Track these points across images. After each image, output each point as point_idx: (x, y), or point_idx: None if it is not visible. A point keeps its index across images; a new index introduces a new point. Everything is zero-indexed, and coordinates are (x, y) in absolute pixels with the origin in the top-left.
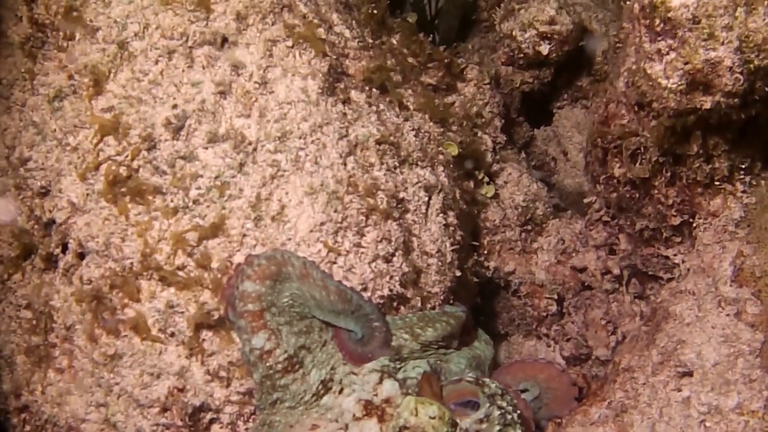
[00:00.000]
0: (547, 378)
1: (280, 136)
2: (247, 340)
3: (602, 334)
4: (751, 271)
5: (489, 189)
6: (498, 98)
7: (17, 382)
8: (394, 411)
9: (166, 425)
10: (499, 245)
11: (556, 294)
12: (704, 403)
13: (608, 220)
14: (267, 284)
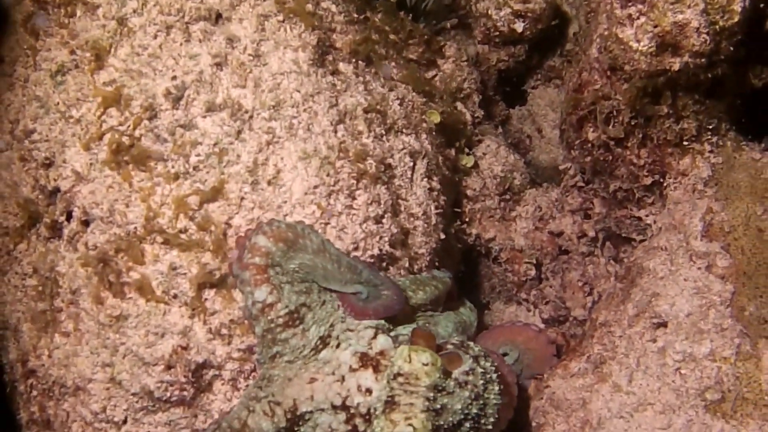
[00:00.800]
0: (525, 339)
1: (274, 105)
2: (249, 292)
3: (579, 295)
4: (720, 226)
5: (468, 159)
6: (476, 75)
7: (24, 350)
8: (388, 362)
9: (171, 382)
10: (480, 213)
11: (535, 259)
12: (679, 351)
13: (583, 186)
14: (279, 246)
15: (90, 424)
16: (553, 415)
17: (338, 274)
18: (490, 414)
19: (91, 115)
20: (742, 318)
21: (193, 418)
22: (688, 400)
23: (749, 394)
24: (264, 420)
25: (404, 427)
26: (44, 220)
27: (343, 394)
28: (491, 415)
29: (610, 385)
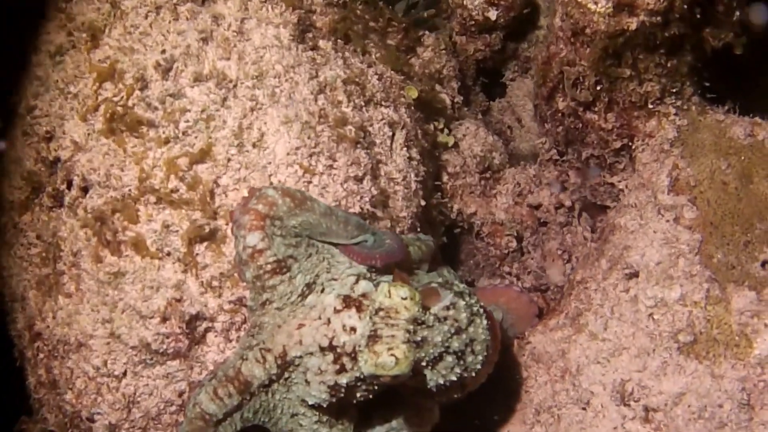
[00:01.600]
0: (508, 300)
1: (257, 75)
2: (242, 236)
3: (558, 263)
4: (686, 181)
5: (449, 139)
6: (454, 62)
7: (30, 316)
8: (369, 302)
9: (167, 334)
10: (461, 189)
11: (515, 232)
12: (650, 297)
13: (558, 159)
14: (286, 201)
15: (92, 379)
16: (535, 368)
17: (345, 232)
18: (479, 351)
19: (87, 90)
20: (711, 265)
21: (189, 370)
22: (661, 343)
23: (720, 335)
24: (256, 367)
25: (387, 357)
26: (46, 190)
27: (330, 335)
28: (480, 352)
29: (586, 334)
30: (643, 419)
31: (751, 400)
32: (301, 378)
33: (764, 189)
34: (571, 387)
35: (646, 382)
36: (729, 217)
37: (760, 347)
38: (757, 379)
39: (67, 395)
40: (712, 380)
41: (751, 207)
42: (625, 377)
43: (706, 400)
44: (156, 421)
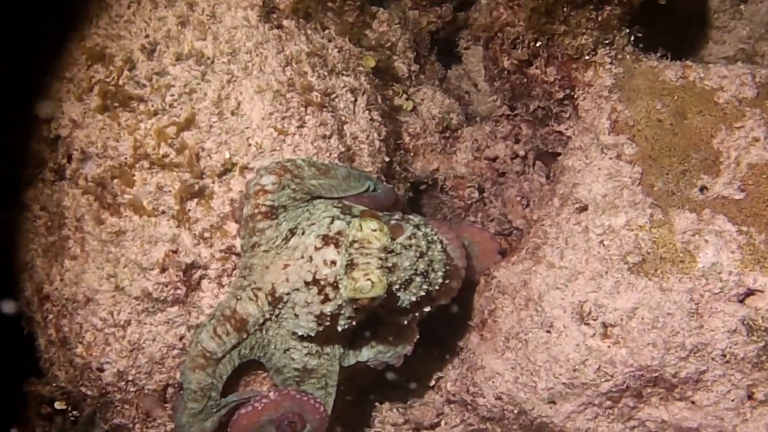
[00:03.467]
0: (471, 234)
1: (230, 52)
2: (260, 174)
3: (518, 208)
4: (625, 122)
5: (408, 104)
6: (408, 35)
7: (38, 282)
8: (345, 237)
9: (165, 283)
10: (423, 148)
11: (476, 184)
12: (599, 225)
13: (509, 114)
14: (312, 170)
15: (100, 330)
16: (501, 299)
17: (358, 185)
18: (438, 269)
19: (81, 74)
20: (652, 193)
21: (188, 315)
22: (612, 265)
23: (666, 254)
24: (250, 305)
25: (364, 281)
26: (49, 165)
27: (313, 271)
28: (438, 269)
29: (545, 264)
30: (602, 335)
31: (699, 308)
32: (290, 313)
33: (698, 123)
34: (535, 313)
35: (602, 301)
36: (666, 150)
37: (702, 261)
38: (702, 289)
39: (78, 349)
40: (662, 294)
41: (686, 140)
42: (583, 299)
43: (658, 311)
44: (160, 364)
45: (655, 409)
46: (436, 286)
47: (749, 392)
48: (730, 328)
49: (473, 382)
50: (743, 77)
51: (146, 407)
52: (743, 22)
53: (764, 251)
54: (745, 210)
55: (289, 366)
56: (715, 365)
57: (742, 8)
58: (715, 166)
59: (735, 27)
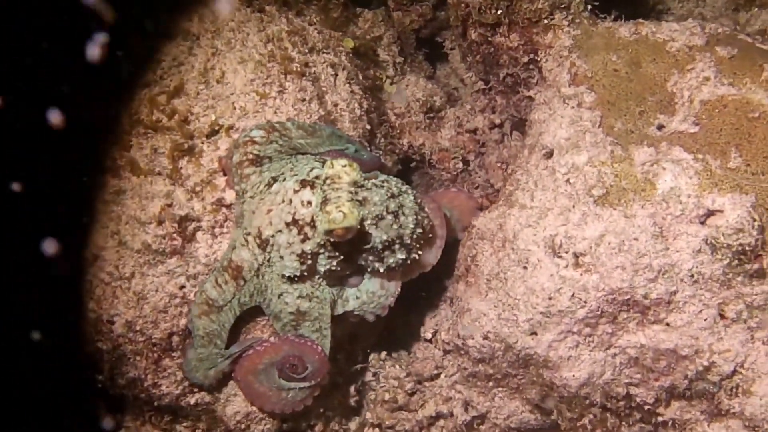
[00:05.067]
0: (450, 199)
1: (214, 30)
2: (249, 129)
3: (499, 173)
4: (583, 74)
5: (392, 87)
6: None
7: None
8: (321, 181)
9: (163, 234)
10: (408, 126)
11: (460, 156)
12: (563, 165)
13: (484, 88)
14: (299, 131)
15: (108, 284)
16: (481, 244)
17: (339, 143)
18: (408, 213)
19: None
20: (612, 133)
21: (186, 265)
22: (579, 199)
23: (628, 185)
24: (243, 250)
25: (336, 213)
26: None
27: (292, 212)
28: (409, 214)
29: (517, 207)
30: (574, 264)
31: (663, 231)
32: (276, 256)
33: (651, 70)
34: (511, 251)
35: (571, 233)
36: (623, 95)
37: (661, 186)
38: (664, 212)
39: (90, 304)
40: (626, 220)
41: (642, 85)
42: (553, 233)
43: (623, 236)
44: (164, 313)
45: (633, 335)
46: (407, 231)
47: (720, 311)
48: (694, 248)
49: (462, 326)
50: (693, 29)
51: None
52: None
53: (720, 175)
54: (700, 140)
55: (285, 311)
56: (684, 286)
57: None
58: (670, 106)
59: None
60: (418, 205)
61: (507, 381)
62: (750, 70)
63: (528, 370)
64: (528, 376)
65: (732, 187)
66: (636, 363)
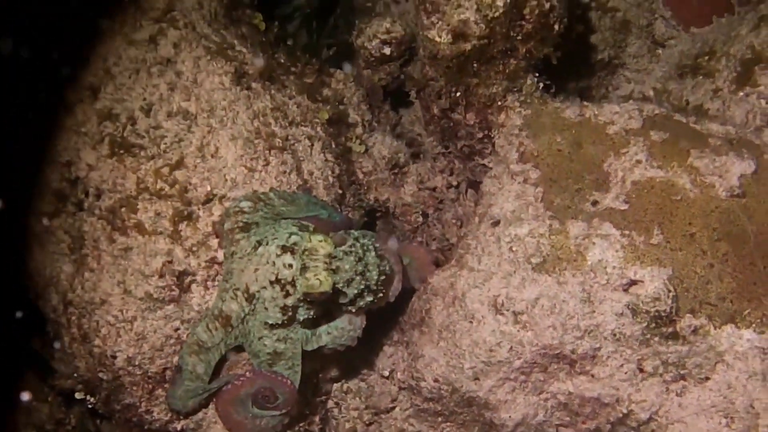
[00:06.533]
0: (411, 252)
1: (209, 109)
2: (239, 199)
3: (453, 229)
4: (530, 153)
5: (360, 147)
6: (362, 90)
7: (63, 291)
8: (299, 247)
9: (163, 286)
10: (375, 183)
11: (421, 210)
12: (508, 234)
13: (444, 151)
14: (281, 201)
15: (113, 325)
16: (434, 299)
17: (314, 210)
18: (372, 269)
19: (94, 129)
20: (552, 207)
21: (181, 311)
22: (519, 266)
23: (562, 255)
24: (233, 303)
25: (314, 280)
26: (71, 200)
27: (275, 272)
28: (373, 269)
29: (467, 269)
30: (513, 322)
31: (590, 296)
32: (261, 307)
33: (591, 151)
34: (460, 308)
35: (512, 295)
36: (564, 173)
37: (591, 258)
38: (592, 281)
39: (96, 341)
40: (559, 286)
41: (581, 164)
42: (496, 294)
43: (556, 299)
44: (160, 351)
45: (562, 383)
46: (372, 282)
47: (639, 366)
48: (617, 312)
49: (416, 369)
50: (632, 112)
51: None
52: (660, 65)
53: (643, 249)
54: (628, 217)
55: (263, 351)
56: (607, 343)
57: (659, 52)
58: (605, 184)
59: (653, 69)
60: (379, 257)
61: (454, 417)
62: (678, 155)
63: (471, 410)
64: (471, 414)
65: (652, 260)
66: (565, 407)
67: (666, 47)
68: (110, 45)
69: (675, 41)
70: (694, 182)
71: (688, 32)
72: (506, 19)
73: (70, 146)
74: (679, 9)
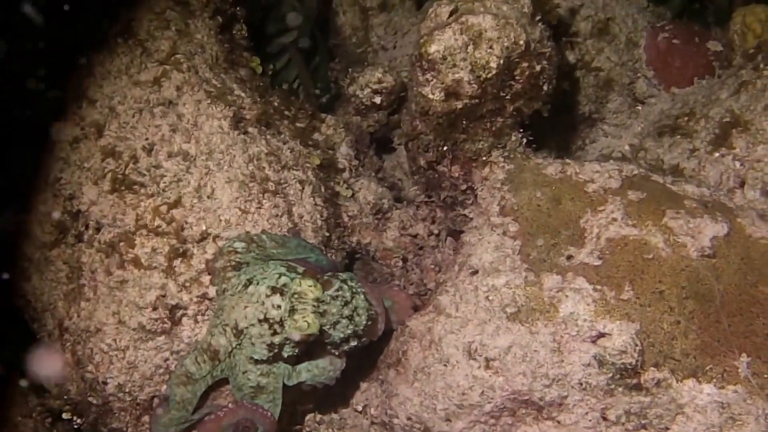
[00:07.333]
0: (392, 295)
1: (208, 152)
2: (234, 240)
3: (432, 275)
4: (511, 207)
5: (348, 192)
6: (351, 137)
7: (59, 318)
8: (288, 289)
9: (156, 318)
10: (359, 226)
11: (402, 255)
12: (485, 284)
13: (427, 200)
14: (272, 243)
15: (106, 353)
16: (411, 342)
17: (303, 253)
18: (362, 313)
19: (97, 165)
20: (528, 260)
21: (171, 343)
22: (494, 315)
23: (535, 306)
24: (221, 337)
25: (302, 322)
26: (71, 232)
27: (264, 311)
28: (363, 314)
29: (444, 315)
30: (485, 367)
31: (560, 347)
32: (248, 343)
33: (569, 208)
34: (436, 352)
35: (486, 342)
36: (542, 228)
37: (563, 310)
38: (562, 332)
39: (89, 367)
40: (531, 335)
41: (558, 220)
42: (471, 340)
43: (527, 348)
44: (150, 380)
45: (529, 427)
46: (361, 326)
47: (603, 414)
48: (584, 363)
49: (390, 406)
50: (611, 171)
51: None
52: (639, 121)
53: (613, 304)
54: (601, 273)
55: (247, 384)
56: (574, 392)
57: (639, 109)
58: (580, 240)
59: (631, 125)
60: (368, 301)
61: None
62: (653, 214)
63: None
64: None
65: (622, 315)
66: None
67: (646, 104)
68: (116, 84)
69: (655, 100)
70: (667, 241)
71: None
72: (498, 80)
73: (74, 180)
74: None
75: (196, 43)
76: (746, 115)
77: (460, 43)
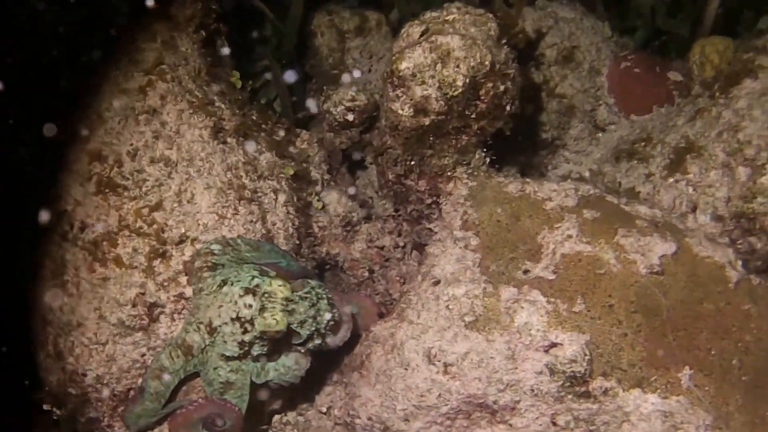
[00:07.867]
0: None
1: (189, 159)
2: (210, 242)
3: (397, 286)
4: (472, 221)
5: (319, 204)
6: (323, 152)
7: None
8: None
9: (135, 315)
10: (328, 238)
11: (368, 266)
12: (446, 294)
13: (394, 214)
14: (247, 247)
15: (86, 347)
16: (375, 346)
17: (276, 258)
18: (324, 314)
19: (83, 168)
20: (487, 273)
21: (149, 339)
22: (453, 323)
23: (492, 316)
24: (195, 334)
25: (271, 320)
26: (56, 230)
27: (237, 310)
28: (324, 314)
29: (407, 322)
30: (443, 371)
31: (514, 354)
32: (221, 340)
33: (528, 224)
34: (398, 356)
35: (445, 348)
36: (501, 243)
37: (518, 320)
38: (517, 341)
39: (69, 359)
40: (487, 343)
41: (517, 236)
42: (431, 346)
43: (483, 355)
44: (127, 373)
45: (483, 429)
46: (322, 326)
47: (553, 419)
48: (537, 370)
49: (352, 407)
50: (568, 191)
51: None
52: (599, 147)
53: (566, 316)
54: (555, 286)
55: (216, 380)
56: (526, 397)
57: (599, 136)
58: (537, 255)
59: (592, 151)
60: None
61: None
62: (606, 233)
63: None
64: None
65: (573, 326)
66: None
67: (606, 132)
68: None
69: (615, 126)
70: (618, 258)
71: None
72: (463, 99)
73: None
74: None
75: (180, 55)
76: (700, 140)
77: (429, 61)
